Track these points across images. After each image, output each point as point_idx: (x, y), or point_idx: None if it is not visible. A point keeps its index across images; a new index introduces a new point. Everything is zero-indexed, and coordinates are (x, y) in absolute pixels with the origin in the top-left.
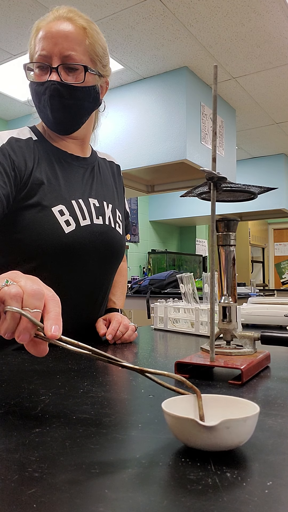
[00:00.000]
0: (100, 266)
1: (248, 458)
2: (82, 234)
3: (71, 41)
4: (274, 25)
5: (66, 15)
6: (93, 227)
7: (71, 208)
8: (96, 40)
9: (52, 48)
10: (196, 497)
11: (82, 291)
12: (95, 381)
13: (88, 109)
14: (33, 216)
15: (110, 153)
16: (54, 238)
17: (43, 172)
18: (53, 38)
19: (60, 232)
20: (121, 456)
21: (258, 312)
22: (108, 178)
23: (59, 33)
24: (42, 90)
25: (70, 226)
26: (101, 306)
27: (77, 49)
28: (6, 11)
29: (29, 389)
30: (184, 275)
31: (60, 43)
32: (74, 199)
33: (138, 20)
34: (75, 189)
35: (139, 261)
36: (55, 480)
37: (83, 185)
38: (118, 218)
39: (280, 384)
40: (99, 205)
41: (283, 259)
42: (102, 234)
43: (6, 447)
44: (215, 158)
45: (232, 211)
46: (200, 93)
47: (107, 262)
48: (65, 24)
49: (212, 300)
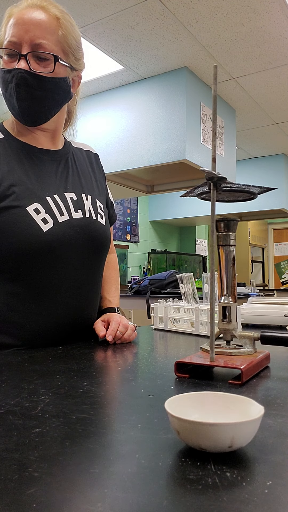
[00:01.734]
0: (86, 260)
1: (248, 458)
2: (61, 231)
3: (43, 30)
4: (274, 25)
5: (40, 3)
6: (73, 222)
7: (47, 205)
8: (70, 31)
9: (23, 35)
10: (196, 497)
11: (72, 288)
12: (95, 381)
13: (58, 101)
14: (8, 219)
15: (111, 153)
16: (33, 238)
17: (13, 172)
18: (25, 24)
19: (38, 231)
20: (121, 456)
21: (258, 312)
22: (86, 168)
23: (31, 20)
24: (9, 78)
25: (48, 224)
26: (95, 300)
27: (49, 38)
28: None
29: (29, 389)
30: (184, 275)
31: (31, 30)
32: (49, 195)
33: (138, 20)
34: (49, 184)
35: (139, 261)
36: (55, 480)
37: (57, 180)
38: (100, 209)
39: (280, 384)
40: (76, 198)
41: (283, 259)
42: (83, 228)
43: (6, 447)
44: (215, 158)
45: (232, 211)
46: (200, 93)
47: (93, 255)
48: (38, 12)
49: (212, 300)
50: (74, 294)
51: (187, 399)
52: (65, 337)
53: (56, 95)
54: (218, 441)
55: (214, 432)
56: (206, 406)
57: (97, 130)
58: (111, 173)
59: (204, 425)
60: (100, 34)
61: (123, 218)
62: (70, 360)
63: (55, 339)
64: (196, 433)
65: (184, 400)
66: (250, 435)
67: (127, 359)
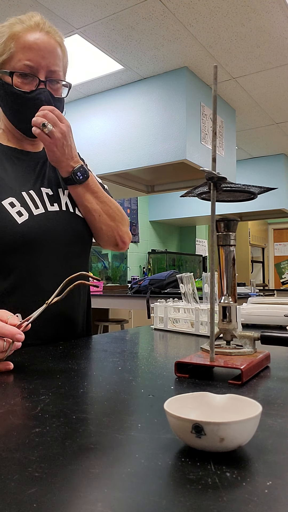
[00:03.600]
0: (68, 249)
1: (247, 458)
2: (37, 223)
3: (56, 57)
4: (274, 25)
5: (45, 28)
6: (48, 215)
7: (22, 200)
8: (66, 55)
9: (40, 61)
10: (196, 497)
11: (55, 276)
12: (95, 381)
13: None
14: None
15: (111, 153)
16: (7, 230)
17: None
18: (40, 51)
19: (13, 223)
20: (121, 456)
21: (258, 312)
22: None
23: (46, 48)
24: (33, 96)
25: (23, 217)
26: (79, 290)
27: (59, 65)
28: (6, 11)
29: (29, 389)
30: (184, 275)
31: (47, 58)
32: (25, 191)
33: (138, 20)
34: (26, 181)
35: (139, 261)
36: (55, 480)
37: (34, 176)
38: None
39: (280, 384)
40: (52, 193)
41: (283, 259)
42: (60, 220)
43: (6, 446)
44: (215, 158)
45: (232, 211)
46: (200, 93)
47: (74, 246)
48: (47, 38)
49: (212, 300)
50: (58, 282)
51: (186, 400)
52: (52, 334)
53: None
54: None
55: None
56: (205, 406)
57: (97, 130)
58: (111, 173)
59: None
60: (100, 34)
61: None
62: (70, 360)
63: (43, 329)
64: (189, 432)
65: (183, 401)
66: (245, 435)
67: (127, 359)
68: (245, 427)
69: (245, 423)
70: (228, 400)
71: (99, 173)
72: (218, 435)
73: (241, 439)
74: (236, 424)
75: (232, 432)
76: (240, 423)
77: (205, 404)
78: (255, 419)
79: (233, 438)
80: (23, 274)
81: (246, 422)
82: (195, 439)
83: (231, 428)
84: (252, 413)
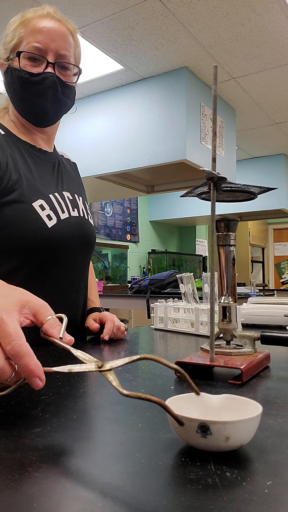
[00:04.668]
0: (80, 256)
1: (248, 458)
2: (63, 227)
3: (66, 42)
4: (274, 25)
5: (56, 16)
6: (71, 220)
7: (50, 202)
8: (78, 45)
9: (49, 43)
10: (196, 496)
11: (65, 282)
12: (95, 381)
13: (68, 108)
14: (14, 213)
15: (111, 153)
16: (38, 234)
17: (17, 167)
18: (50, 34)
19: (44, 227)
20: (121, 456)
21: (258, 312)
22: (72, 173)
23: (56, 31)
24: (38, 80)
25: (52, 220)
26: (82, 293)
27: (70, 50)
28: (6, 11)
29: (29, 389)
30: (184, 275)
31: (56, 41)
32: (51, 193)
33: (138, 20)
34: (49, 183)
35: (139, 261)
36: (55, 480)
37: (54, 179)
38: (88, 210)
39: (280, 384)
40: (72, 198)
41: (283, 259)
42: (79, 226)
43: (6, 447)
44: (215, 158)
45: (232, 211)
46: (200, 93)
47: (85, 252)
48: (58, 24)
49: (212, 300)
50: (67, 288)
51: (184, 400)
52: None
53: (69, 102)
54: (216, 439)
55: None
56: (203, 407)
57: (97, 130)
58: (111, 173)
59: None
60: (100, 34)
61: (123, 218)
62: (71, 360)
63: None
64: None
65: (181, 401)
66: (248, 434)
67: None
68: (249, 426)
69: (249, 422)
70: (225, 400)
71: (99, 173)
72: (223, 435)
73: (244, 438)
74: (241, 423)
75: (237, 431)
76: (244, 422)
77: (203, 405)
78: (258, 418)
79: (238, 437)
80: (36, 277)
81: (250, 421)
82: (200, 439)
83: (236, 427)
84: (252, 411)
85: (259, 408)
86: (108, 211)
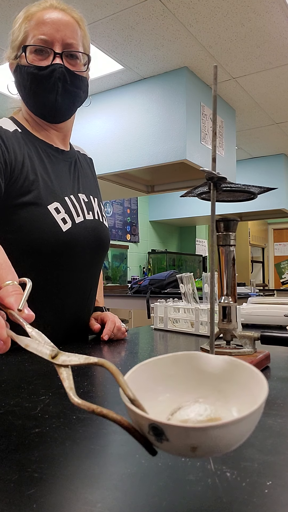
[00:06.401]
0: (93, 259)
1: (247, 458)
2: (77, 231)
3: (72, 31)
4: (274, 25)
5: (60, 6)
6: (86, 223)
7: (66, 205)
8: (86, 34)
9: (54, 34)
10: (196, 497)
11: (78, 285)
12: (95, 381)
13: (81, 100)
14: (29, 215)
15: (111, 153)
16: (53, 237)
17: (34, 167)
18: (54, 24)
19: (58, 231)
20: (121, 457)
21: (258, 312)
22: (88, 171)
23: (60, 20)
24: (46, 73)
25: (67, 224)
26: (93, 296)
27: (76, 39)
28: (6, 11)
29: (29, 389)
30: (184, 275)
31: (62, 30)
32: (67, 196)
33: (138, 20)
34: (65, 184)
35: (139, 261)
36: (55, 480)
37: (71, 180)
38: (103, 211)
39: (280, 384)
40: (87, 200)
41: (283, 259)
42: (94, 230)
43: (6, 447)
44: (215, 158)
45: (232, 211)
46: (200, 93)
47: (99, 255)
48: (62, 14)
49: (212, 300)
50: (79, 291)
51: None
52: (66, 336)
53: (82, 94)
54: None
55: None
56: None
57: (97, 130)
58: (111, 173)
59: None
60: (100, 34)
61: (123, 218)
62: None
63: (58, 336)
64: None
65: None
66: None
67: (127, 359)
68: (234, 431)
69: (233, 427)
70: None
71: (99, 173)
72: (187, 444)
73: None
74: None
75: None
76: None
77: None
78: (253, 416)
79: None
80: (47, 281)
81: (235, 425)
82: (157, 443)
83: (207, 435)
84: (252, 398)
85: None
86: (108, 211)
